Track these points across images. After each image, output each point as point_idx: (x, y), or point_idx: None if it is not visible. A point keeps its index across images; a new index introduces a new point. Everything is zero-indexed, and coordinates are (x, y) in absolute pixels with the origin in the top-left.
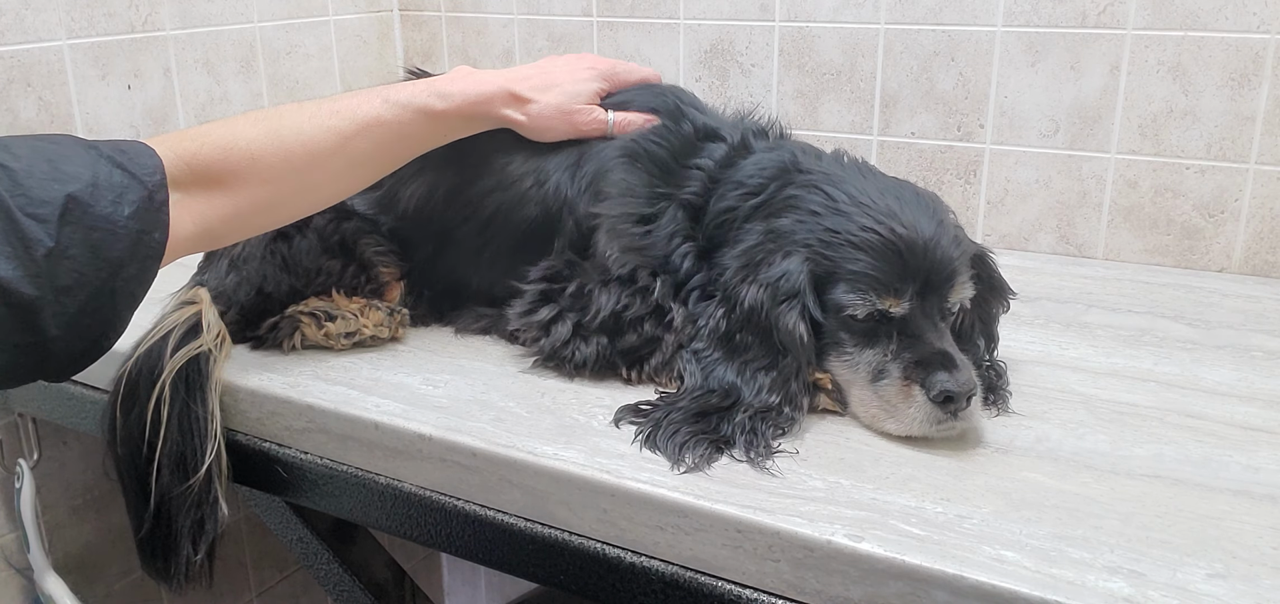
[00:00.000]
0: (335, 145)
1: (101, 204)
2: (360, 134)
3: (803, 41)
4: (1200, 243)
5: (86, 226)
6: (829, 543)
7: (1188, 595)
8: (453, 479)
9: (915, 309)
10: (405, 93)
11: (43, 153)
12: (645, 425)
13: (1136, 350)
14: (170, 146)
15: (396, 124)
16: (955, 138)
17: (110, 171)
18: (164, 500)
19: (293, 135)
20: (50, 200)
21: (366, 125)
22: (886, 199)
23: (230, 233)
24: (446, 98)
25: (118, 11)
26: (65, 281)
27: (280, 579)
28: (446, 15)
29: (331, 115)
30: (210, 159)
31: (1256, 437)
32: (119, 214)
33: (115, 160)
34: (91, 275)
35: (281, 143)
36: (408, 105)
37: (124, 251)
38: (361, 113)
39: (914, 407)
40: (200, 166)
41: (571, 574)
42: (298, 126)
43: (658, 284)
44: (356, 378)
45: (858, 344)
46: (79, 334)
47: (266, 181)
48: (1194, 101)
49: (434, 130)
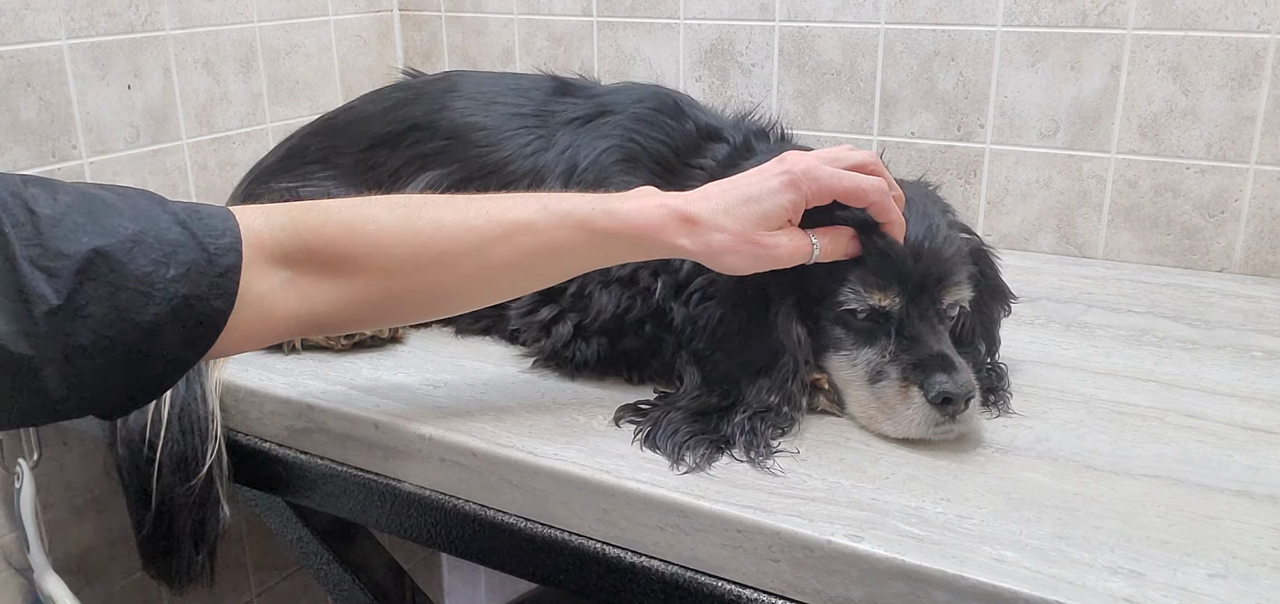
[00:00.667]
0: (474, 247)
1: (140, 262)
2: (504, 240)
3: (803, 41)
4: (1200, 243)
5: (113, 285)
6: (829, 543)
7: (1188, 595)
8: (453, 479)
9: (911, 309)
10: (567, 203)
11: (90, 202)
12: (644, 425)
13: (1136, 350)
14: (289, 217)
15: (548, 235)
16: (955, 138)
17: (166, 228)
18: (165, 501)
19: (428, 226)
20: (71, 254)
21: (513, 230)
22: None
23: (339, 322)
24: (612, 216)
25: (118, 11)
26: (79, 342)
27: (280, 579)
28: (446, 15)
29: (478, 214)
30: (331, 237)
31: (1256, 437)
32: (161, 274)
33: (179, 218)
34: (115, 338)
35: (413, 232)
36: (566, 217)
37: (160, 315)
38: (511, 216)
39: (912, 408)
40: (319, 243)
41: (571, 574)
42: (437, 218)
43: (659, 285)
44: (356, 378)
45: (856, 343)
46: (97, 397)
47: (388, 274)
48: (1194, 101)
49: (592, 250)
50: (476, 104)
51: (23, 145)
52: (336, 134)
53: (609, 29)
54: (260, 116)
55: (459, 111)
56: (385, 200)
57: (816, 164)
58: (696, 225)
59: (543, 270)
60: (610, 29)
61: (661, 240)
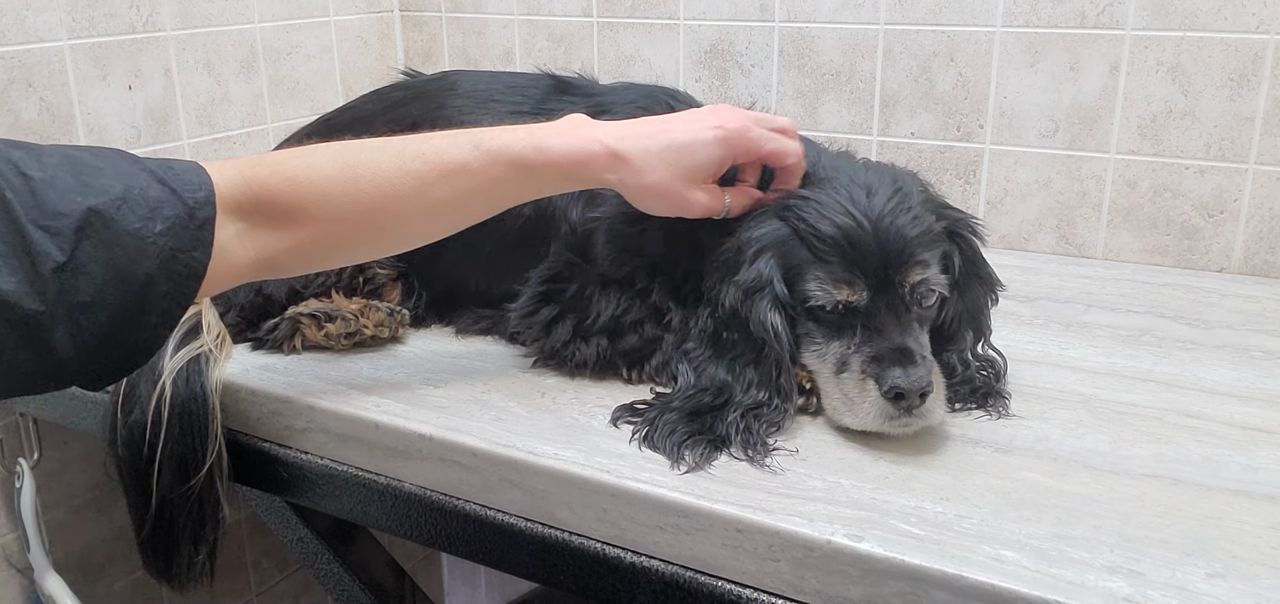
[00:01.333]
0: (412, 190)
1: (129, 219)
2: (441, 181)
3: (802, 42)
4: (1200, 243)
5: (108, 243)
6: (829, 543)
7: (1187, 595)
8: (453, 479)
9: (877, 300)
10: (500, 140)
11: (74, 164)
12: (642, 425)
13: (1136, 350)
14: (240, 171)
15: (483, 174)
16: (955, 138)
17: (147, 186)
18: (165, 501)
19: (368, 174)
20: (68, 213)
21: (450, 172)
22: (854, 189)
23: (291, 266)
24: (544, 151)
25: (118, 12)
26: (82, 298)
27: (280, 579)
28: (447, 16)
29: (414, 157)
30: (278, 189)
31: (1256, 437)
32: (149, 230)
33: (158, 175)
34: (113, 293)
35: (355, 181)
36: (499, 156)
37: (153, 269)
38: (447, 158)
39: (868, 401)
40: (268, 196)
41: (571, 574)
42: (375, 165)
43: (656, 285)
44: (356, 378)
45: (826, 336)
46: (99, 354)
47: (334, 220)
48: (1193, 102)
49: (525, 185)
50: (475, 102)
51: None
52: (336, 134)
53: (609, 29)
54: (261, 117)
55: (458, 110)
56: (327, 150)
57: (749, 124)
58: (626, 163)
59: (479, 206)
60: (610, 29)
61: (591, 174)
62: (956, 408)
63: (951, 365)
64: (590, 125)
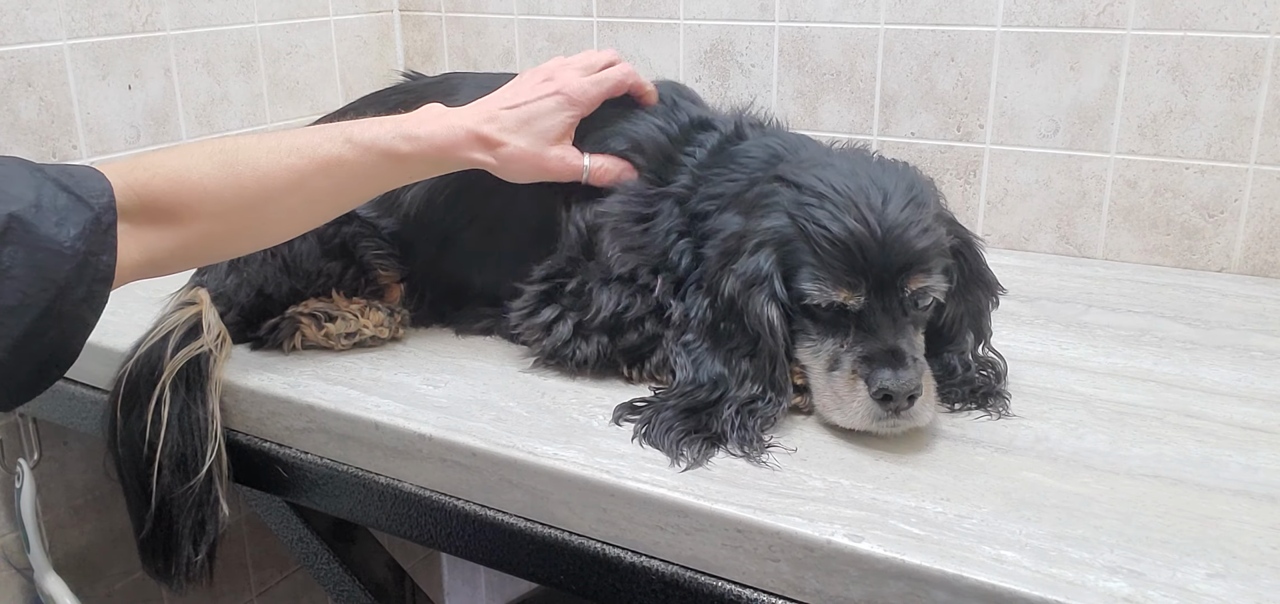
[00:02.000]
0: (292, 183)
1: (45, 225)
2: (319, 173)
3: (803, 42)
4: (1200, 243)
5: (30, 246)
6: (829, 543)
7: (1187, 595)
8: (453, 479)
9: (873, 303)
10: (369, 133)
11: None
12: (640, 423)
13: (1136, 350)
14: (121, 175)
15: (358, 165)
16: (955, 138)
17: (55, 193)
18: (165, 501)
19: (248, 171)
20: None
21: (326, 164)
22: (862, 190)
23: (176, 264)
24: (412, 140)
25: (118, 12)
26: (9, 301)
27: (280, 579)
28: (447, 16)
29: (290, 152)
30: (160, 191)
31: (1256, 437)
32: (64, 235)
33: (61, 183)
34: (36, 296)
35: (236, 178)
36: (371, 147)
37: (71, 273)
38: (322, 152)
39: (857, 401)
40: (150, 198)
41: (571, 574)
42: (254, 162)
43: (658, 282)
44: (357, 378)
45: (821, 333)
46: (24, 358)
47: (217, 217)
48: (1193, 102)
49: (397, 173)
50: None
51: (23, 145)
52: None
53: (609, 29)
54: (261, 117)
55: None
56: (206, 149)
57: (576, 78)
58: (489, 143)
59: (356, 194)
60: (610, 29)
61: (459, 157)
62: (956, 408)
63: (952, 367)
64: (449, 112)
